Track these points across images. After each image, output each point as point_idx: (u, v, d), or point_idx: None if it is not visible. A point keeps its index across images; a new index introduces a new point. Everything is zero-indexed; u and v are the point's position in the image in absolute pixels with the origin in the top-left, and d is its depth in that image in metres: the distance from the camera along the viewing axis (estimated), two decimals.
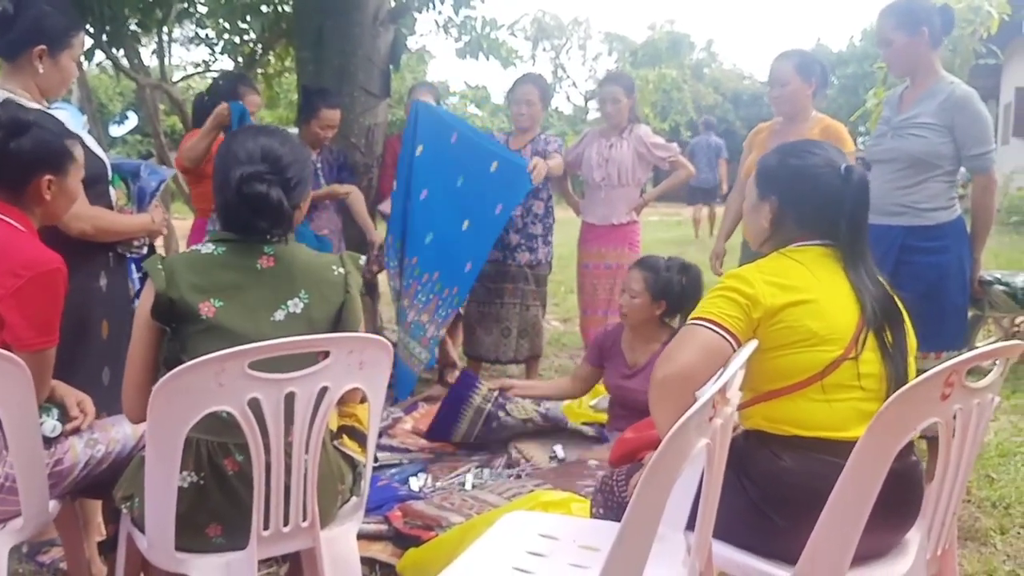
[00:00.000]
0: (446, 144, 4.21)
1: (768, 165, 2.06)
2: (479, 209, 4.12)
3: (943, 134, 2.99)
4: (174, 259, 1.93)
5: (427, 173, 4.21)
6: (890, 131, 3.11)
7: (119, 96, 20.08)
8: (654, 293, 3.28)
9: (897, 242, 3.01)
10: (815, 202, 1.94)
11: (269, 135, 2.01)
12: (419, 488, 3.16)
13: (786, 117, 3.64)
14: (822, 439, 1.78)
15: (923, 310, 2.89)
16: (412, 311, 4.25)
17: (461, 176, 4.18)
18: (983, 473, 3.44)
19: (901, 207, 3.04)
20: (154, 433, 1.74)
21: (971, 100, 3.00)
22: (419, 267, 4.21)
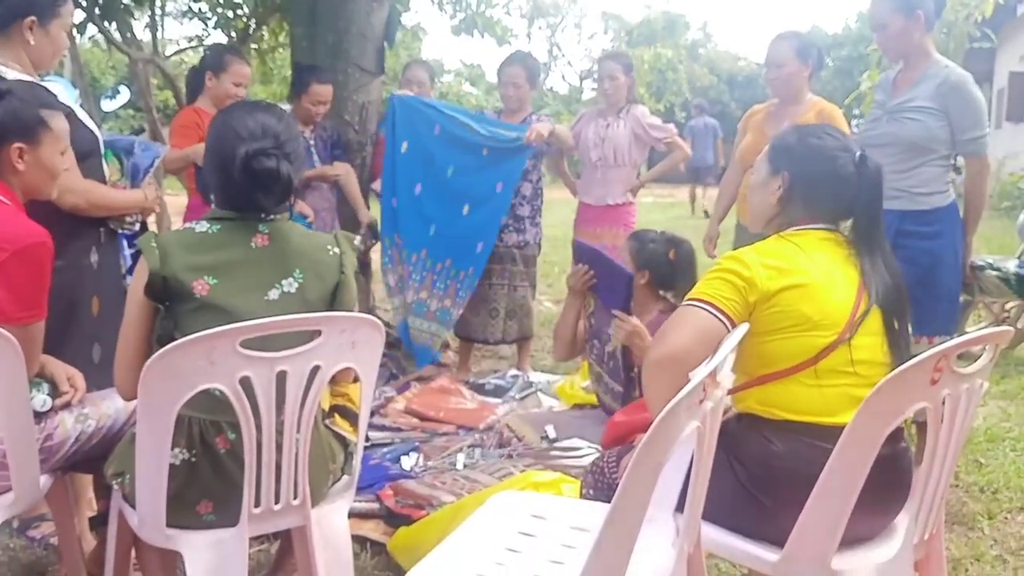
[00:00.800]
0: (430, 136, 4.27)
1: (785, 141, 2.05)
2: (478, 191, 4.18)
3: (939, 118, 2.98)
4: (168, 237, 1.91)
5: (415, 168, 4.28)
6: (885, 115, 3.10)
7: (112, 70, 19.91)
8: (638, 262, 3.25)
9: (892, 227, 3.01)
10: (828, 186, 1.95)
11: (265, 111, 2.00)
12: (411, 467, 3.17)
13: (782, 99, 3.63)
14: (813, 424, 1.78)
15: (916, 294, 2.90)
16: (410, 292, 4.35)
17: (451, 166, 4.24)
18: (971, 458, 3.47)
19: (896, 191, 3.04)
20: (145, 410, 1.74)
21: (966, 84, 2.99)
22: (430, 258, 4.29)
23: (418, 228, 4.29)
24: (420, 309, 4.38)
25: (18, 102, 2.05)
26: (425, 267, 4.31)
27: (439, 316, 4.34)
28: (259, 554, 2.60)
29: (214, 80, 3.88)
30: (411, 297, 4.38)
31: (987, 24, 9.59)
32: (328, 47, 4.72)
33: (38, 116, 2.09)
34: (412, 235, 4.32)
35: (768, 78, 3.63)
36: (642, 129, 4.36)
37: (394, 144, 4.31)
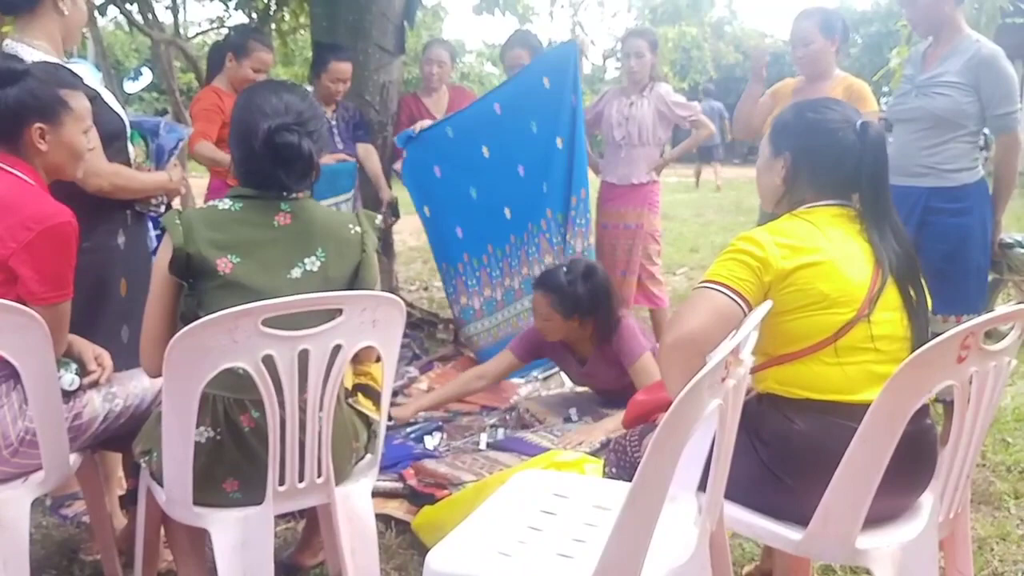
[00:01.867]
0: (496, 119, 4.16)
1: (783, 120, 2.03)
2: (561, 121, 4.04)
3: (968, 93, 2.94)
4: (191, 214, 1.93)
5: (511, 153, 4.17)
6: (914, 90, 3.06)
7: (135, 52, 20.02)
8: (564, 312, 3.22)
9: (920, 203, 2.98)
10: (830, 158, 1.92)
11: (289, 90, 2.01)
12: (434, 447, 3.19)
13: (809, 77, 3.58)
14: (835, 402, 1.77)
15: (944, 272, 2.89)
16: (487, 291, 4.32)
17: (533, 122, 4.11)
18: (999, 437, 3.43)
19: (924, 168, 3.00)
20: (170, 388, 1.76)
21: (997, 58, 2.94)
22: (498, 248, 4.25)
23: (484, 223, 4.24)
24: (490, 306, 4.34)
25: (36, 82, 2.06)
26: (516, 247, 4.23)
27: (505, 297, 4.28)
28: (286, 532, 2.63)
29: (234, 62, 3.87)
30: (499, 293, 4.32)
31: None
32: (348, 27, 4.72)
33: (57, 96, 2.10)
34: (494, 237, 4.26)
35: (795, 56, 3.58)
36: (666, 107, 4.32)
37: (425, 175, 4.31)
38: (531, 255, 4.20)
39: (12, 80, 2.02)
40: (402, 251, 7.37)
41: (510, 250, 4.27)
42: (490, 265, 4.32)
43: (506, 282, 4.30)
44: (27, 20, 2.44)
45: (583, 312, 3.23)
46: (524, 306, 4.16)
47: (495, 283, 4.32)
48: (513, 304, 4.27)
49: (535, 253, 4.17)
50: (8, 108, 2.02)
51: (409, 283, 6.57)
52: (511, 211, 4.23)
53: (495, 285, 4.32)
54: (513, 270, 4.27)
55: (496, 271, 4.31)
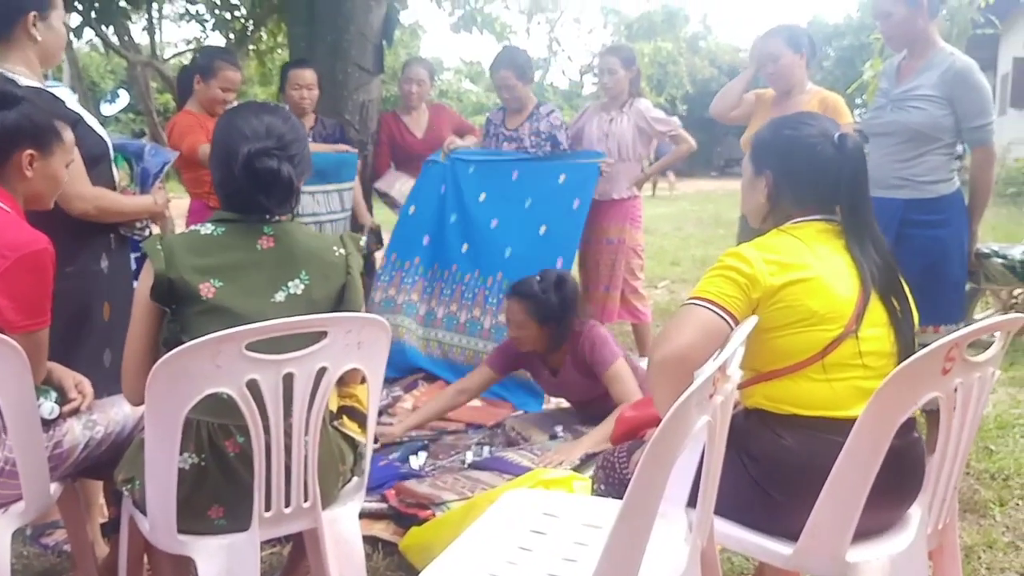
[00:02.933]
0: (507, 182, 4.39)
1: (762, 139, 2.04)
2: (554, 213, 4.23)
3: (943, 106, 2.97)
4: (173, 239, 1.91)
5: (493, 207, 4.39)
6: (889, 103, 3.09)
7: (110, 74, 19.93)
8: (539, 319, 3.26)
9: (897, 215, 3.00)
10: (810, 173, 1.93)
11: (271, 112, 2.00)
12: (419, 466, 3.16)
13: (781, 92, 3.62)
14: (823, 418, 1.77)
15: (923, 283, 2.89)
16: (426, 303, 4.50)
17: (529, 198, 4.33)
18: (982, 445, 3.45)
19: (901, 180, 3.03)
20: (153, 415, 1.74)
21: (972, 71, 2.97)
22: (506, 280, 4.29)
23: (493, 252, 4.37)
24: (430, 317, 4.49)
25: (34, 108, 2.05)
26: (455, 280, 4.43)
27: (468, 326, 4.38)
28: (271, 557, 2.60)
29: (202, 84, 3.86)
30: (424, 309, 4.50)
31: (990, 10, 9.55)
32: (327, 46, 4.72)
33: (52, 125, 2.09)
34: (486, 259, 4.39)
35: (766, 73, 3.62)
36: (646, 123, 4.34)
37: (471, 195, 4.49)
38: (464, 298, 4.40)
39: (10, 103, 2.00)
40: None
41: (447, 276, 4.48)
42: (427, 279, 4.53)
43: (432, 303, 4.50)
44: (4, 47, 2.42)
45: (557, 320, 3.26)
46: (459, 342, 4.37)
47: (424, 296, 4.51)
48: (450, 333, 4.42)
49: (494, 304, 4.28)
50: (4, 130, 2.00)
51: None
52: (468, 247, 4.47)
53: (423, 298, 4.51)
54: (445, 298, 4.46)
55: (430, 287, 4.52)
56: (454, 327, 4.40)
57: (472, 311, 4.33)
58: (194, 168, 3.80)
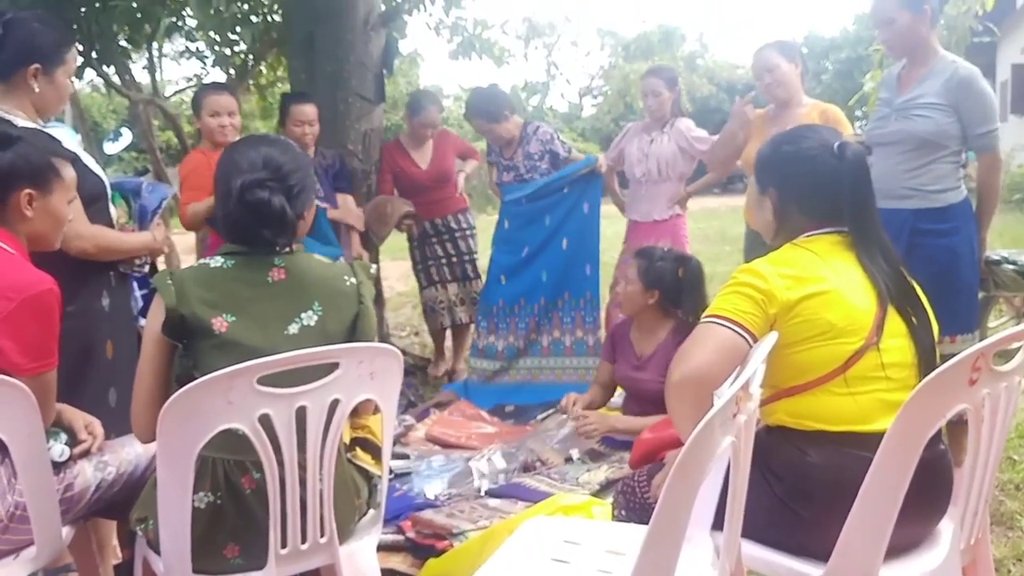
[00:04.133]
0: (520, 207, 4.50)
1: (763, 157, 2.03)
2: (570, 223, 4.38)
3: (949, 114, 2.95)
4: (183, 274, 1.89)
5: (524, 236, 4.50)
6: (893, 113, 3.06)
7: (113, 113, 20.07)
8: (646, 282, 3.29)
9: (908, 225, 2.97)
10: (813, 186, 1.91)
11: (270, 144, 1.99)
12: (435, 496, 3.12)
13: (779, 103, 3.63)
14: (848, 433, 1.74)
15: (937, 293, 2.86)
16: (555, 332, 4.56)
17: (548, 216, 4.43)
18: (1005, 456, 3.39)
19: (909, 190, 3.00)
20: (165, 453, 1.71)
21: (976, 78, 2.96)
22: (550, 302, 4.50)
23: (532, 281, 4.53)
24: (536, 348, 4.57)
25: (30, 148, 2.04)
26: (551, 308, 4.51)
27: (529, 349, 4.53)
28: None
29: (199, 120, 3.92)
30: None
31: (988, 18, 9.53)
32: (327, 77, 4.72)
33: (50, 163, 2.08)
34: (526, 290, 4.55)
35: (764, 85, 3.63)
36: (687, 142, 4.27)
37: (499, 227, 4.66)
38: (542, 325, 4.53)
39: (6, 144, 1.99)
40: (391, 297, 7.33)
41: (496, 311, 4.59)
42: (518, 315, 4.60)
43: (490, 338, 4.59)
44: (4, 90, 2.42)
45: (663, 288, 3.29)
46: (544, 364, 4.52)
47: (518, 332, 4.58)
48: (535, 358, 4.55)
49: (547, 324, 4.50)
50: (2, 171, 1.99)
51: (399, 329, 6.51)
52: (505, 279, 4.59)
53: (518, 334, 4.57)
54: (501, 332, 4.58)
55: (523, 323, 4.58)
56: (516, 354, 4.54)
57: (529, 337, 4.51)
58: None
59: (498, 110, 4.50)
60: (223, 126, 3.80)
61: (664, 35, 27.68)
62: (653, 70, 4.67)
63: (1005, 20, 15.06)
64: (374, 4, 4.88)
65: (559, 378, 4.44)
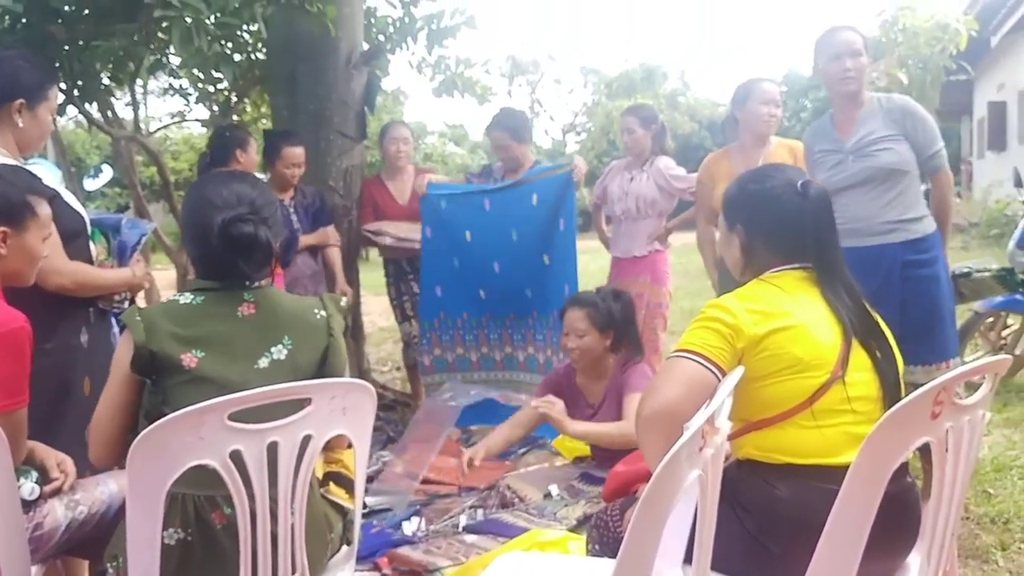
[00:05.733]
0: (482, 214, 4.38)
1: (730, 196, 2.08)
2: (546, 239, 4.28)
3: (903, 142, 3.05)
4: (152, 310, 1.90)
5: (488, 249, 4.40)
6: (848, 156, 3.08)
7: (96, 149, 20.06)
8: (599, 327, 3.30)
9: (899, 258, 3.02)
10: (778, 223, 1.95)
11: (239, 180, 2.00)
12: (412, 532, 3.10)
13: (755, 141, 3.74)
14: (815, 466, 1.75)
15: (931, 322, 2.98)
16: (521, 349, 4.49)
17: (513, 230, 4.34)
18: (980, 489, 3.42)
19: (891, 223, 3.05)
20: (134, 491, 1.70)
21: (915, 104, 3.12)
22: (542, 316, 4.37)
23: (510, 297, 4.42)
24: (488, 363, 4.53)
25: (6, 185, 2.04)
26: (524, 326, 4.44)
27: (528, 363, 4.43)
28: None
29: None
30: (475, 356, 4.52)
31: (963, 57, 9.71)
32: (309, 115, 4.76)
33: (25, 200, 2.08)
34: (500, 306, 4.47)
35: (770, 114, 3.70)
36: (665, 181, 4.34)
37: (455, 234, 4.46)
38: (515, 340, 4.45)
39: None
40: (372, 332, 7.33)
41: (486, 322, 4.50)
42: (464, 329, 4.52)
43: (483, 349, 4.51)
44: None
45: (616, 328, 3.31)
46: (502, 377, 4.43)
47: (468, 345, 4.51)
48: (514, 372, 4.48)
49: (520, 340, 4.41)
50: None
51: (381, 364, 6.51)
52: (485, 294, 4.47)
53: (468, 347, 4.51)
54: (492, 342, 4.49)
55: (470, 336, 4.51)
56: (516, 366, 4.47)
57: (527, 349, 4.43)
58: None
59: (524, 130, 4.58)
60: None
61: (646, 73, 28.01)
62: (630, 108, 4.77)
63: (981, 59, 15.35)
64: (356, 43, 4.93)
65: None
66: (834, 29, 3.16)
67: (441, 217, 4.45)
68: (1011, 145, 15.24)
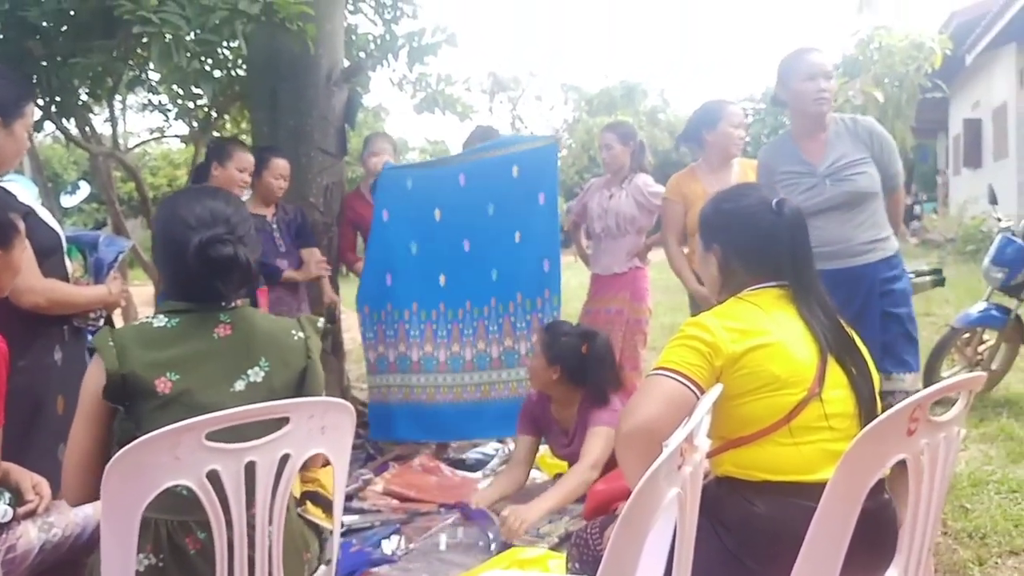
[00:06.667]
0: (457, 189, 4.16)
1: (705, 216, 2.09)
2: (522, 214, 4.05)
3: (872, 164, 3.09)
4: (124, 333, 1.85)
5: (459, 227, 4.16)
6: (822, 180, 3.08)
7: (74, 165, 19.95)
8: (548, 357, 3.31)
9: (878, 276, 3.05)
10: (755, 241, 1.97)
11: (212, 197, 1.95)
12: (392, 551, 3.08)
13: (722, 161, 3.85)
14: (793, 483, 1.76)
15: (908, 333, 3.03)
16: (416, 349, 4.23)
17: (491, 204, 4.13)
18: (957, 504, 3.44)
19: (867, 244, 3.07)
20: (108, 514, 1.68)
21: (878, 125, 3.17)
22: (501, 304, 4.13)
23: (474, 279, 4.15)
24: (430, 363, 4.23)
25: None
26: (448, 319, 4.20)
27: (476, 361, 4.18)
28: None
29: (219, 167, 3.95)
30: (416, 355, 4.23)
31: (938, 75, 9.83)
32: (290, 131, 4.75)
33: (8, 220, 2.08)
34: (459, 289, 4.19)
35: (740, 137, 3.83)
36: (644, 197, 4.36)
37: (424, 213, 4.22)
38: (464, 336, 4.18)
39: None
40: (352, 348, 7.27)
41: (437, 316, 4.22)
42: (410, 323, 4.25)
43: (426, 347, 4.21)
44: None
45: (566, 365, 3.28)
46: (442, 382, 4.19)
47: (411, 342, 4.25)
48: (459, 373, 4.19)
49: (496, 332, 4.13)
50: None
51: (361, 381, 6.46)
52: (446, 280, 4.20)
53: (411, 344, 4.24)
54: (438, 340, 4.20)
55: (415, 331, 4.24)
56: (461, 367, 4.18)
57: (476, 345, 4.15)
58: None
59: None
60: (246, 182, 4.01)
61: (626, 90, 28.22)
62: (610, 125, 4.82)
63: (956, 77, 15.56)
64: (337, 60, 4.93)
65: (514, 392, 4.06)
66: (804, 50, 3.17)
67: (405, 197, 4.24)
68: (986, 162, 15.44)
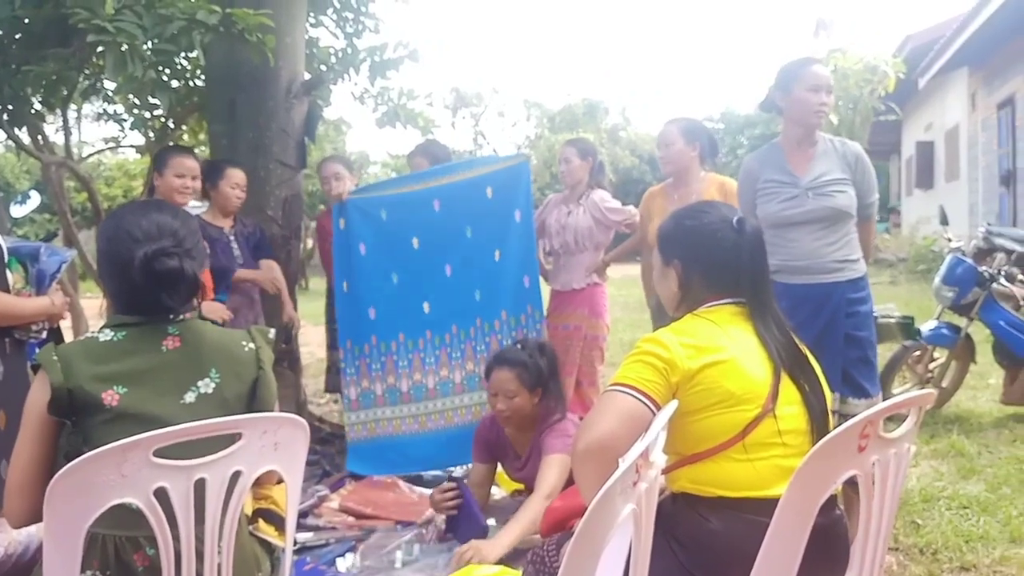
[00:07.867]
0: (432, 216, 4.10)
1: (665, 231, 2.10)
2: (499, 232, 4.07)
3: (852, 186, 3.12)
4: (70, 348, 1.82)
5: (439, 253, 4.10)
6: (804, 192, 3.10)
7: (26, 174, 19.59)
8: (530, 386, 3.30)
9: (844, 295, 3.08)
10: (715, 258, 1.99)
11: (158, 210, 1.93)
12: (347, 569, 3.05)
13: (675, 178, 3.93)
14: (747, 498, 1.77)
15: (870, 354, 3.07)
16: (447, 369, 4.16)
17: (468, 227, 4.10)
18: (908, 520, 3.48)
19: (838, 263, 3.10)
20: (52, 531, 1.63)
21: (864, 153, 3.19)
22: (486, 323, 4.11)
23: (399, 311, 4.12)
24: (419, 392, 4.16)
25: None
26: (436, 345, 4.13)
27: (466, 383, 4.13)
28: None
29: (159, 178, 3.84)
30: (406, 385, 4.16)
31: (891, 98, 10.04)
32: (249, 143, 4.70)
33: None
34: (408, 326, 4.14)
35: (660, 157, 3.97)
36: (601, 213, 4.38)
37: (401, 242, 4.12)
38: (453, 359, 4.13)
39: None
40: (310, 363, 7.22)
41: (424, 344, 4.15)
42: (398, 354, 4.17)
43: (415, 376, 4.14)
44: None
45: (544, 383, 3.32)
46: (433, 408, 4.13)
47: (400, 373, 4.16)
48: (449, 397, 4.15)
49: (483, 351, 4.08)
50: None
51: (318, 396, 6.40)
52: (430, 307, 4.13)
53: (400, 375, 4.16)
54: (427, 367, 4.14)
55: (404, 361, 4.17)
56: (451, 390, 4.14)
57: (465, 367, 4.11)
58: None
59: (445, 159, 4.64)
60: (186, 187, 3.81)
61: (588, 108, 28.38)
62: (570, 140, 4.87)
63: (909, 100, 15.92)
64: (298, 72, 4.90)
65: (476, 417, 4.02)
66: (810, 60, 3.20)
67: (380, 228, 4.15)
68: (938, 183, 15.79)
